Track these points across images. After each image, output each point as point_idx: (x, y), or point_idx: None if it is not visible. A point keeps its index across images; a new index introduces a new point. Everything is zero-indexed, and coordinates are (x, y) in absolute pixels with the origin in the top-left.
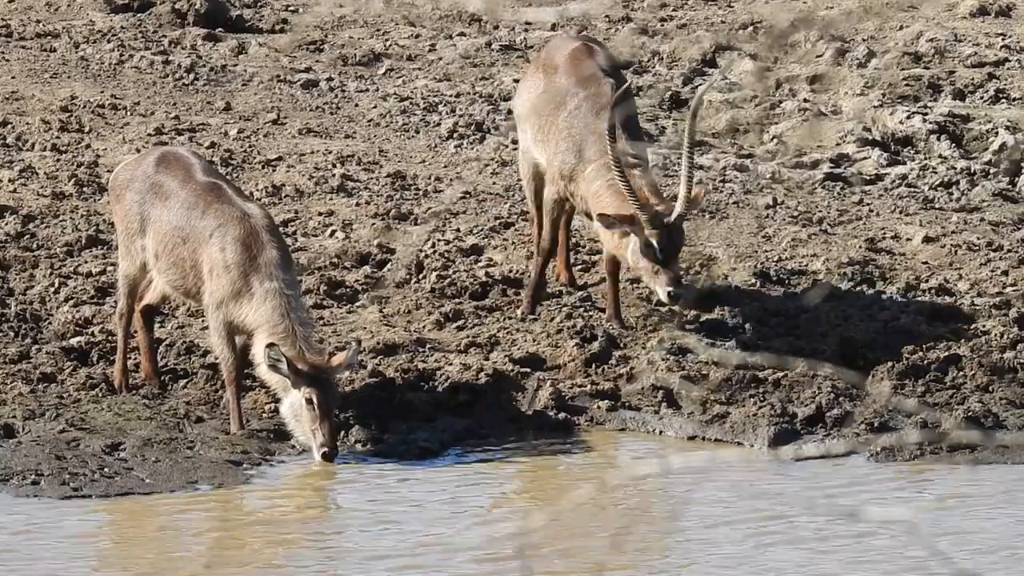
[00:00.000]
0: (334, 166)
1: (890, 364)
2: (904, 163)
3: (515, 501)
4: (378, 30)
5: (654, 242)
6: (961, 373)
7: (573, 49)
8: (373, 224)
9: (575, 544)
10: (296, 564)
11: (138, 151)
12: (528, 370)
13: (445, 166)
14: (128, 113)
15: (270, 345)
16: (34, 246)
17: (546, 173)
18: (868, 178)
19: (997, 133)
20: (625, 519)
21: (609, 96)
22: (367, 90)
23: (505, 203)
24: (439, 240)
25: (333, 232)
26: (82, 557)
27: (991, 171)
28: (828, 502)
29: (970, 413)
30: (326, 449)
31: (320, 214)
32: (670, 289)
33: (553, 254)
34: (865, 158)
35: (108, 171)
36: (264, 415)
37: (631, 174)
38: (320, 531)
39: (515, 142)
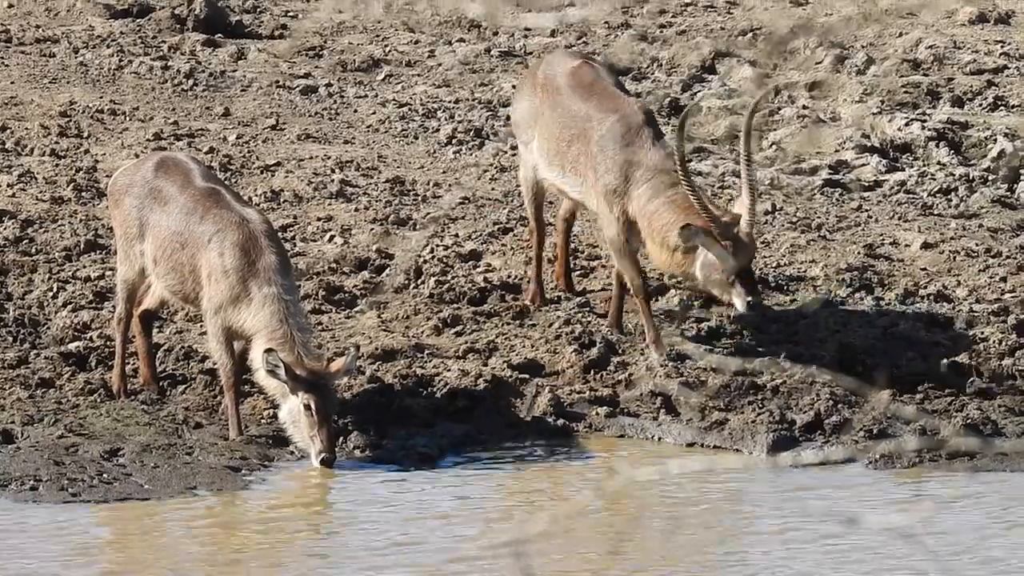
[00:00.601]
0: (333, 171)
1: (888, 370)
2: (903, 170)
3: (513, 506)
4: (377, 36)
5: (729, 254)
6: (959, 380)
7: (575, 68)
8: (372, 229)
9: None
10: (295, 569)
11: (137, 156)
12: (527, 376)
13: (444, 172)
14: (127, 118)
15: (268, 350)
16: (33, 251)
17: (596, 211)
18: (867, 184)
19: (996, 140)
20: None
21: (638, 113)
22: (366, 96)
23: (504, 208)
24: (438, 245)
25: (332, 237)
26: (81, 563)
27: (990, 178)
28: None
29: (969, 420)
30: (325, 455)
31: (319, 219)
32: (749, 299)
33: (647, 286)
34: (864, 165)
35: (107, 176)
36: (263, 421)
37: (680, 191)
38: (318, 536)
39: (514, 148)
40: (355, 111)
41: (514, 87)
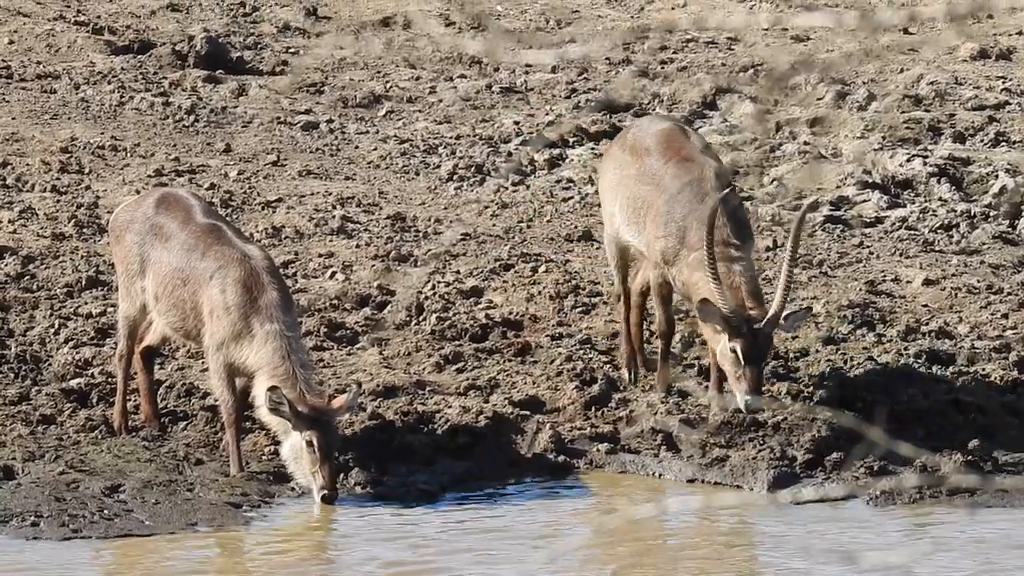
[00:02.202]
0: (334, 208)
1: (890, 407)
2: (904, 206)
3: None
4: (378, 72)
5: (738, 348)
6: (961, 416)
7: (665, 130)
8: (373, 266)
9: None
10: None
11: (138, 192)
12: (528, 413)
13: (445, 208)
14: (128, 154)
15: (272, 388)
16: (34, 287)
17: (648, 257)
18: (868, 221)
19: (997, 176)
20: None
21: (713, 181)
22: (367, 132)
23: (505, 245)
24: (439, 282)
25: (333, 274)
26: None
27: (991, 214)
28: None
29: (970, 457)
30: (327, 491)
31: (320, 256)
32: (747, 399)
33: (672, 333)
34: (865, 201)
35: (108, 212)
36: (264, 457)
37: (731, 270)
38: (319, 573)
39: (515, 184)
40: (356, 147)
41: (599, 154)
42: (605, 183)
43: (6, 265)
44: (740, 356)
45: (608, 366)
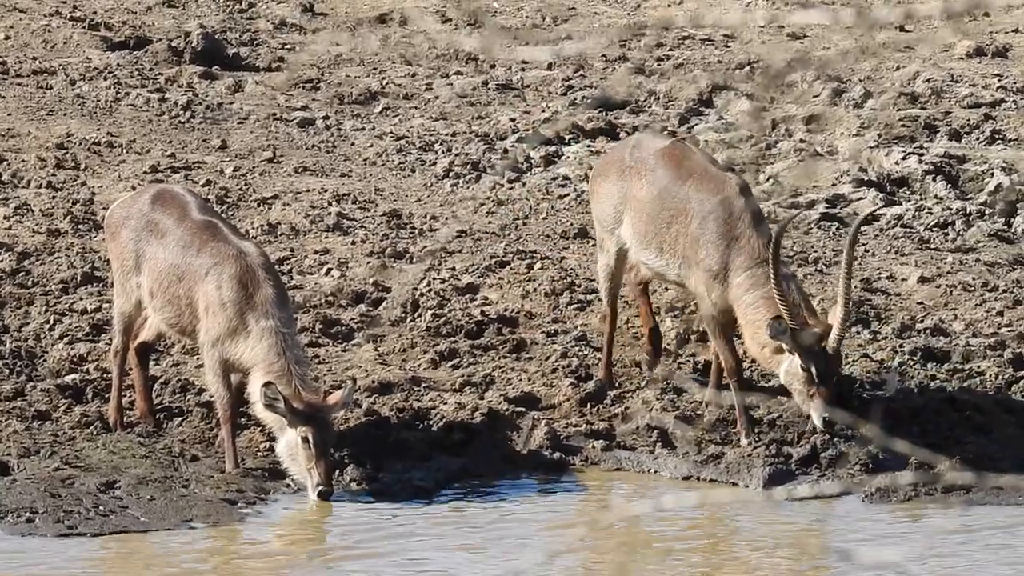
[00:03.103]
0: (330, 204)
1: (885, 405)
2: (900, 203)
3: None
4: (374, 69)
5: (812, 367)
6: (956, 414)
7: (667, 148)
8: (368, 262)
9: None
10: None
11: (134, 189)
12: (523, 409)
13: (441, 205)
14: (124, 150)
15: (267, 384)
16: (29, 283)
17: (695, 291)
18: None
19: (993, 174)
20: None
21: (739, 197)
22: (363, 128)
23: (500, 242)
24: (434, 279)
25: (329, 270)
26: None
27: (986, 212)
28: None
29: (965, 454)
30: (322, 487)
31: (316, 252)
32: (826, 415)
33: (741, 367)
34: (861, 198)
35: (103, 208)
36: (259, 454)
37: (789, 289)
38: (315, 569)
39: (511, 182)
40: (352, 144)
41: (595, 152)
42: (603, 206)
43: (1, 261)
44: (815, 375)
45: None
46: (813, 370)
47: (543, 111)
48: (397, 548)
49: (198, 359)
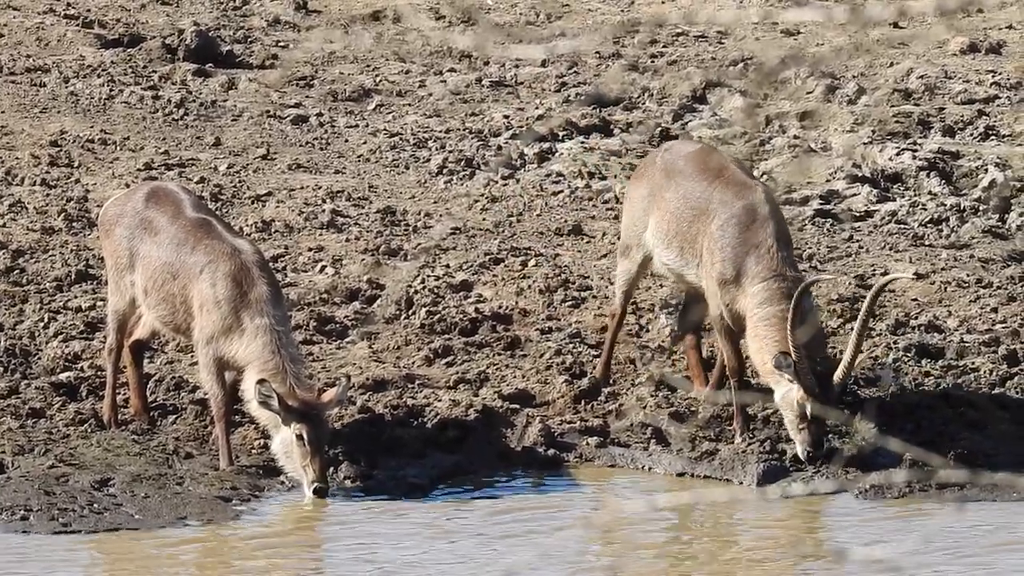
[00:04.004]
0: (324, 202)
1: (879, 401)
2: (894, 200)
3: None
4: (368, 66)
5: (807, 405)
6: (950, 410)
7: (697, 151)
8: (363, 260)
9: None
10: None
11: (128, 186)
12: (517, 406)
13: (435, 202)
14: (118, 148)
15: (261, 381)
16: (23, 281)
17: (706, 289)
18: (858, 215)
19: (987, 170)
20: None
21: (764, 205)
22: (357, 126)
23: (495, 239)
24: (428, 276)
25: (323, 268)
26: None
27: (981, 208)
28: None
29: (959, 451)
30: (318, 485)
31: (310, 250)
32: (809, 451)
33: (743, 368)
34: (855, 195)
35: (98, 206)
36: (253, 451)
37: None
38: (309, 566)
39: (505, 178)
40: (346, 141)
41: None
42: (635, 208)
43: None
44: (808, 409)
45: (597, 360)
46: (807, 407)
47: (537, 108)
48: (389, 545)
49: (192, 357)
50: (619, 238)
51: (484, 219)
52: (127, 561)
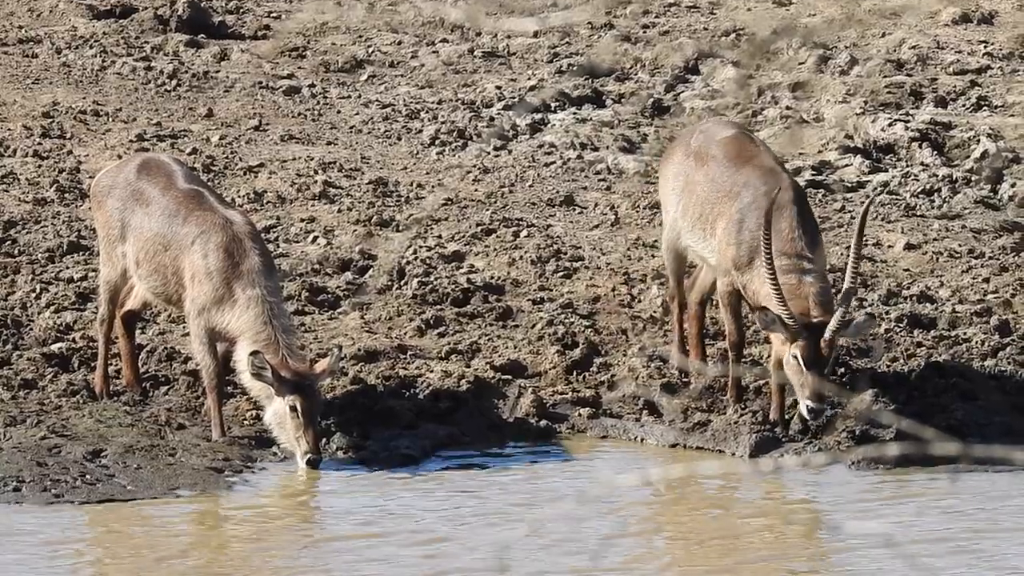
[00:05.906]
0: (316, 173)
1: (871, 372)
2: (886, 170)
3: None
4: (360, 37)
5: (799, 354)
6: (942, 381)
7: (732, 136)
8: (355, 231)
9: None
10: (279, 569)
11: (120, 157)
12: (509, 377)
13: (427, 173)
14: (110, 119)
15: (254, 352)
16: (15, 252)
17: (716, 264)
18: (850, 185)
19: (979, 141)
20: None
21: (788, 191)
22: (349, 97)
23: (487, 210)
24: (421, 247)
25: (315, 238)
26: (62, 564)
27: (973, 179)
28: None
29: (951, 422)
30: (311, 455)
31: (302, 220)
32: (810, 405)
33: (743, 343)
34: (847, 165)
35: (90, 177)
36: (245, 422)
37: (802, 281)
38: (302, 536)
39: (498, 149)
40: (338, 112)
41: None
42: (667, 188)
43: None
44: (801, 362)
45: (589, 330)
46: (800, 358)
47: (529, 79)
48: (385, 518)
49: (184, 328)
50: (612, 210)
51: (476, 190)
52: (119, 532)
